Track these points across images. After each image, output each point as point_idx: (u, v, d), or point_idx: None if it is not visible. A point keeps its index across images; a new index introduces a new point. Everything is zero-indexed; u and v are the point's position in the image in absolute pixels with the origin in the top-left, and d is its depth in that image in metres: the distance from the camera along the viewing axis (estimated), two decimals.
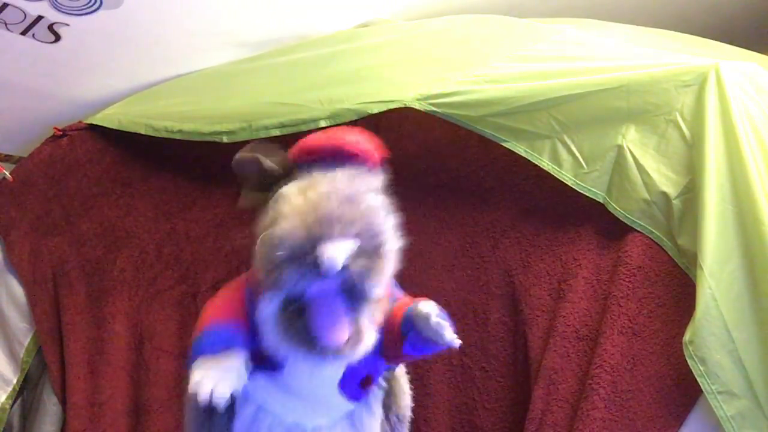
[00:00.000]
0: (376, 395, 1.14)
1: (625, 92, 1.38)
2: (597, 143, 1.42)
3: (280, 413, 1.06)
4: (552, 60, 1.50)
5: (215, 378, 0.87)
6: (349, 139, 0.97)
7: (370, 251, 0.90)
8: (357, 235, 0.88)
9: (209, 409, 1.01)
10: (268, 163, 1.02)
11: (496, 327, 1.63)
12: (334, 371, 1.03)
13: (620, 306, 1.37)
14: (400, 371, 1.18)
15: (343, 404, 1.08)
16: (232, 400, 1.02)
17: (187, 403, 1.05)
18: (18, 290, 2.11)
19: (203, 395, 0.85)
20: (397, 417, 1.17)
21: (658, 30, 1.89)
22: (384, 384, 1.16)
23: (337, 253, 0.85)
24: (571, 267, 1.50)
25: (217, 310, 1.00)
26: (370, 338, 0.97)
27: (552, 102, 1.42)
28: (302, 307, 0.91)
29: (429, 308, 1.00)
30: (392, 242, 0.94)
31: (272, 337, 0.93)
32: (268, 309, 0.93)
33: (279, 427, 1.06)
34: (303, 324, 0.90)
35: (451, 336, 1.00)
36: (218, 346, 0.92)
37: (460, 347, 1.65)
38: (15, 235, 2.11)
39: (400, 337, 1.03)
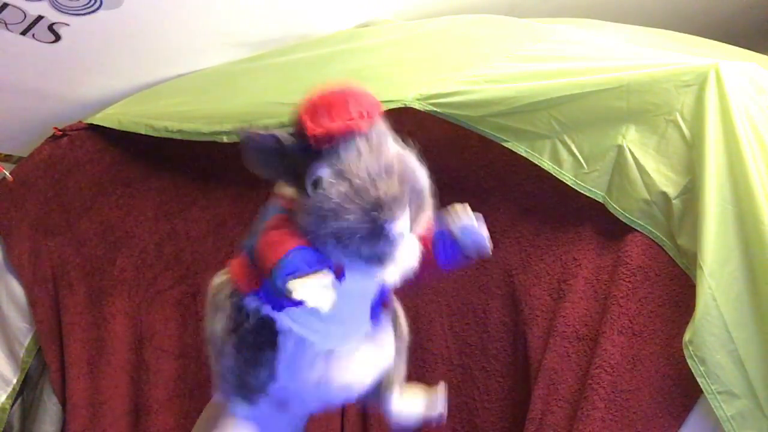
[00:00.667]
0: (386, 317, 1.24)
1: (625, 92, 1.38)
2: (597, 143, 1.42)
3: (318, 342, 1.14)
4: (552, 60, 1.50)
5: (319, 290, 0.95)
6: (357, 118, 1.02)
7: (418, 205, 1.00)
8: (408, 201, 0.98)
9: (256, 346, 1.10)
10: (289, 143, 1.05)
11: (496, 327, 1.63)
12: (372, 291, 1.13)
13: (620, 306, 1.37)
14: (393, 296, 1.28)
15: (368, 325, 1.18)
16: (276, 335, 1.11)
17: (229, 348, 1.11)
18: (18, 290, 2.10)
19: (312, 305, 0.93)
20: (401, 336, 1.27)
21: (658, 30, 1.89)
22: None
23: (401, 228, 0.96)
24: (571, 267, 1.50)
25: (287, 240, 1.04)
26: (415, 251, 1.07)
27: (552, 102, 1.42)
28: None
29: (466, 217, 1.10)
30: (427, 185, 1.04)
31: (335, 255, 1.01)
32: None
33: (317, 355, 1.14)
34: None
35: (488, 243, 1.11)
36: (308, 265, 0.98)
37: (460, 347, 1.68)
38: (15, 235, 2.11)
39: (431, 250, 1.13)
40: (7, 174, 2.05)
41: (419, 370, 1.69)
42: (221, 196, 2.03)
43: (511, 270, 1.60)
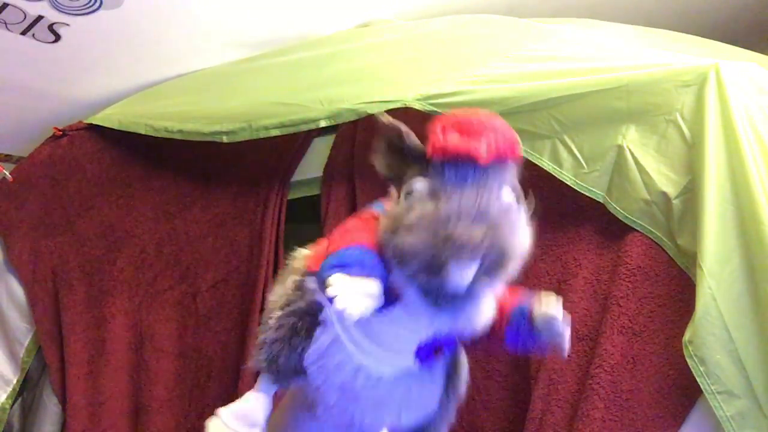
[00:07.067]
0: (440, 366, 1.16)
1: (625, 92, 1.38)
2: (597, 143, 1.42)
3: (352, 352, 1.07)
4: (552, 60, 1.50)
5: (354, 296, 0.88)
6: (483, 147, 0.94)
7: (495, 265, 0.91)
8: (484, 256, 0.89)
9: (294, 329, 1.05)
10: (412, 142, 1.00)
11: None
12: (424, 331, 1.03)
13: (620, 306, 1.37)
14: (463, 353, 1.20)
15: (410, 361, 1.09)
16: (317, 325, 1.06)
17: (268, 320, 1.08)
18: (18, 290, 2.11)
19: (338, 309, 0.87)
20: (454, 392, 1.19)
21: (658, 30, 1.89)
22: (449, 357, 1.17)
23: (462, 277, 0.89)
24: (571, 267, 1.50)
25: (359, 234, 0.99)
26: (487, 311, 1.01)
27: (552, 102, 1.42)
28: None
29: (557, 310, 1.03)
30: (520, 251, 0.94)
31: (397, 274, 0.95)
32: None
33: (347, 364, 1.07)
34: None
35: (566, 344, 1.03)
36: (361, 267, 0.93)
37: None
38: (15, 235, 2.11)
39: (505, 325, 1.06)
40: (7, 174, 2.05)
41: None
42: (221, 196, 2.03)
43: None
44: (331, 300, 0.88)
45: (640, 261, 1.38)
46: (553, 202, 1.54)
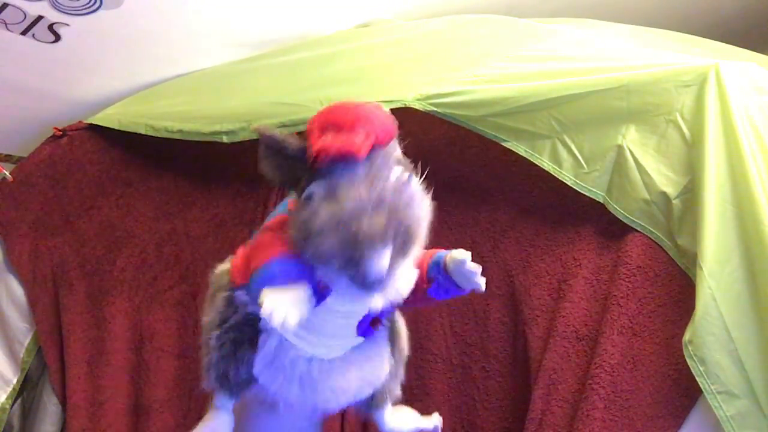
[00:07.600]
0: (382, 333, 1.22)
1: (625, 92, 1.38)
2: (597, 143, 1.42)
3: (301, 347, 1.12)
4: (552, 60, 1.50)
5: (288, 308, 0.93)
6: (359, 140, 0.97)
7: (406, 241, 0.96)
8: (393, 237, 0.94)
9: (236, 342, 1.12)
10: (292, 146, 1.02)
11: (496, 327, 1.63)
12: (359, 312, 1.10)
13: (620, 306, 1.37)
14: (399, 314, 1.26)
15: (355, 340, 1.16)
16: (258, 333, 1.12)
17: (213, 341, 1.14)
18: (18, 290, 2.10)
19: (276, 322, 0.92)
20: (399, 353, 1.25)
21: (658, 30, 1.89)
22: (387, 324, 1.24)
23: (380, 264, 0.93)
24: (571, 267, 1.50)
25: (276, 246, 1.03)
26: (410, 277, 1.08)
27: (552, 102, 1.43)
28: None
29: (464, 254, 1.08)
30: (423, 220, 1.01)
31: (320, 270, 1.00)
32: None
33: (299, 359, 1.13)
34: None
35: (480, 281, 1.08)
36: (286, 277, 0.98)
37: (460, 347, 1.68)
38: (15, 235, 2.10)
39: (426, 281, 1.12)
40: (7, 174, 2.05)
41: (419, 370, 1.69)
42: (221, 196, 2.03)
43: (511, 270, 1.60)
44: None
45: (640, 261, 1.38)
46: (553, 202, 1.55)
